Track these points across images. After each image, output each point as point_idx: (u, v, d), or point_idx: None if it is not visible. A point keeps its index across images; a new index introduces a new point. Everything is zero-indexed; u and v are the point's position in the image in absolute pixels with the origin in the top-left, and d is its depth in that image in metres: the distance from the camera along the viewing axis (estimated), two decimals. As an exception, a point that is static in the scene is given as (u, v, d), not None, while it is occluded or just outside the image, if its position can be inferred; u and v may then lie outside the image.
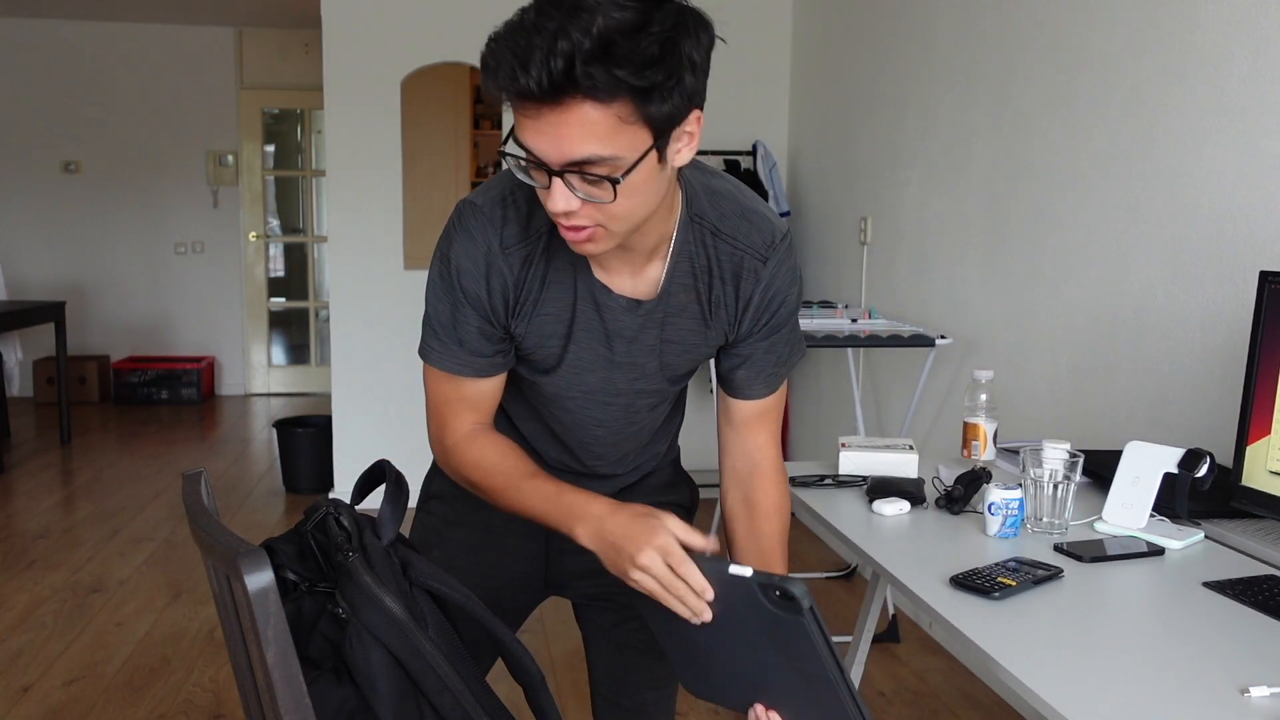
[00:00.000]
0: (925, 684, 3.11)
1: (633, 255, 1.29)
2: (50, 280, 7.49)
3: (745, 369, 1.42)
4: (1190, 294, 2.30)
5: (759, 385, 1.43)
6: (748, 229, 1.33)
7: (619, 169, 1.09)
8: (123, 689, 3.01)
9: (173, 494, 5.01)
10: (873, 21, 4.01)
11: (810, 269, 4.71)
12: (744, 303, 1.36)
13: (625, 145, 1.08)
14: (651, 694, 1.60)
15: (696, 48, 1.09)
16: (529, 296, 1.31)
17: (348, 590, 1.15)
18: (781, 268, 1.35)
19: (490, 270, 1.29)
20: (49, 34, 7.29)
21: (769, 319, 1.38)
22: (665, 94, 1.07)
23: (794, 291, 1.39)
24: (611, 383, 1.40)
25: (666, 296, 1.33)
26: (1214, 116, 2.22)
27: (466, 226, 1.29)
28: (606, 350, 1.36)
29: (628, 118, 1.06)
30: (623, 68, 1.03)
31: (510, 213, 1.28)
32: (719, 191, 1.34)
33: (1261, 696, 1.14)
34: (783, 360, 1.43)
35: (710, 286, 1.34)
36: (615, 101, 1.05)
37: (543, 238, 1.29)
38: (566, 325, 1.33)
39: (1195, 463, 1.67)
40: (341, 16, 4.63)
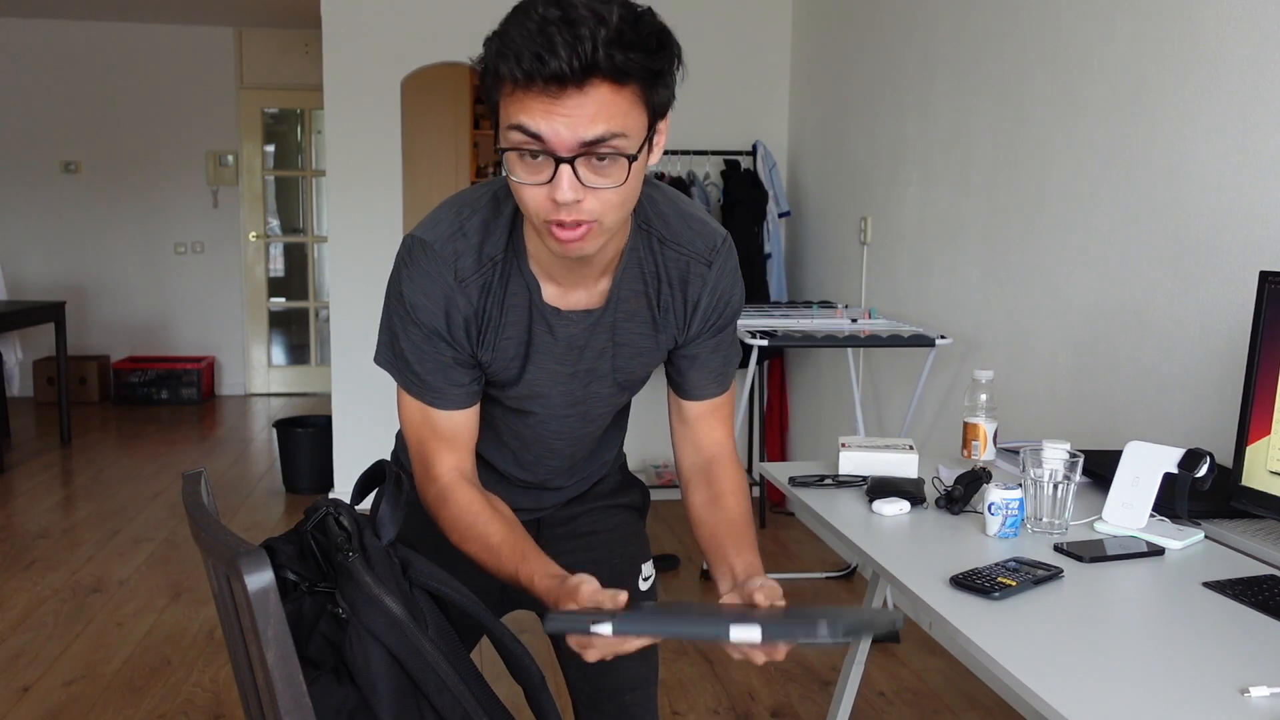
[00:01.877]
0: (925, 684, 3.11)
1: (589, 271, 1.32)
2: (50, 280, 7.49)
3: (696, 370, 1.46)
4: (1190, 294, 2.30)
5: (711, 385, 1.48)
6: (690, 235, 1.38)
7: (631, 148, 1.14)
8: (123, 689, 3.01)
9: (173, 494, 5.01)
10: (873, 21, 4.01)
11: (810, 269, 4.71)
12: (692, 306, 1.40)
13: (634, 125, 1.14)
14: (630, 694, 1.60)
15: (677, 44, 1.18)
16: (490, 323, 1.34)
17: (348, 590, 1.15)
18: (725, 270, 1.40)
19: (449, 305, 1.31)
20: (49, 34, 7.29)
21: (716, 320, 1.42)
22: (665, 81, 1.16)
23: (737, 292, 1.44)
24: (570, 394, 1.42)
25: (615, 303, 1.36)
26: (1214, 117, 2.22)
27: (420, 264, 1.30)
28: (561, 365, 1.39)
29: (637, 101, 1.14)
30: (636, 51, 1.10)
31: (462, 245, 1.30)
32: (658, 199, 1.38)
33: (1261, 696, 1.14)
34: (729, 360, 1.48)
35: (659, 292, 1.38)
36: (628, 85, 1.12)
37: (496, 266, 1.32)
38: (524, 346, 1.36)
39: (1195, 463, 1.67)
40: (341, 16, 4.63)
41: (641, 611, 1.12)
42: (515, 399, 1.42)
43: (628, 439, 1.72)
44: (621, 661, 1.59)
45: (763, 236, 4.66)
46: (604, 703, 1.61)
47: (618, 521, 1.63)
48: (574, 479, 1.59)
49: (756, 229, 4.65)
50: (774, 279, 4.68)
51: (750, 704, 2.97)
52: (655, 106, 1.16)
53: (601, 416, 1.50)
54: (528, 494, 1.57)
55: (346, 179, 4.72)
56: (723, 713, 2.92)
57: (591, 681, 1.61)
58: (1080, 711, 1.11)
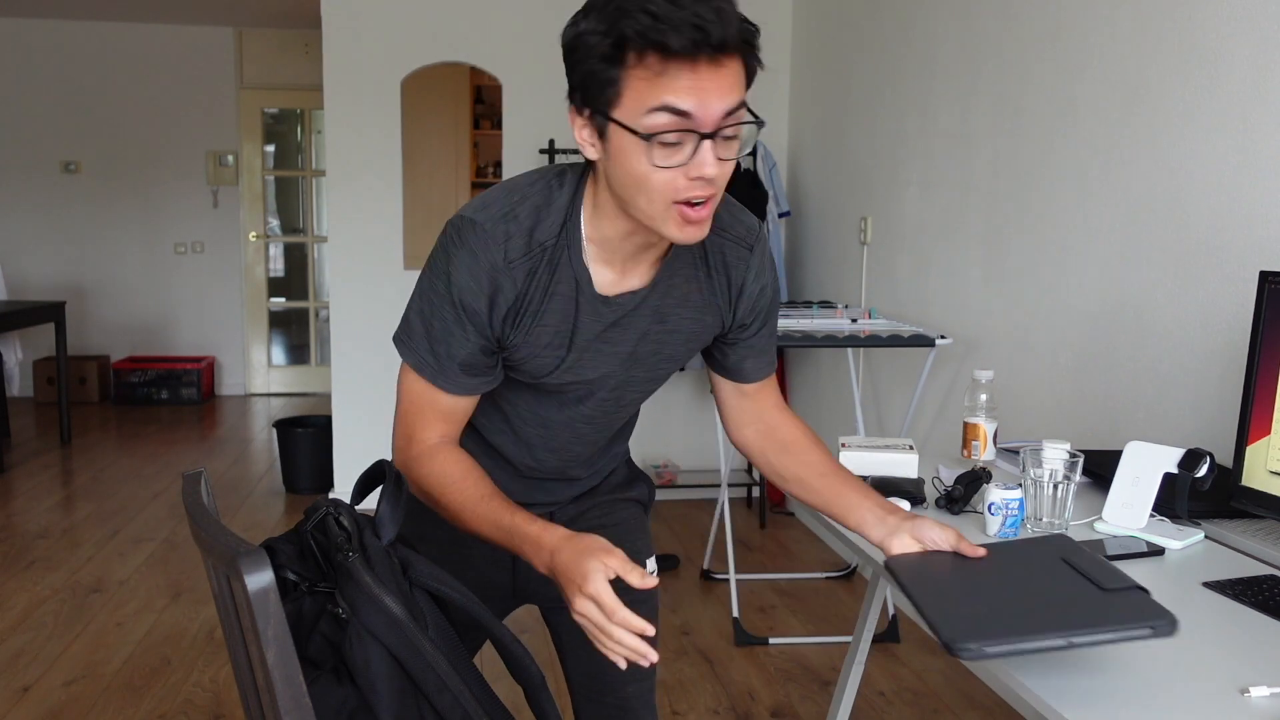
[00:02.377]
0: (925, 684, 3.11)
1: (649, 255, 1.34)
2: (50, 280, 7.49)
3: (754, 358, 1.51)
4: (1190, 294, 2.30)
5: (765, 368, 1.55)
6: (731, 220, 1.41)
7: (745, 118, 1.19)
8: (123, 689, 3.01)
9: (173, 494, 5.02)
10: (873, 22, 4.01)
11: (810, 269, 4.71)
12: (737, 289, 1.43)
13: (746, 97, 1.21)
14: (633, 686, 1.61)
15: None
16: (529, 308, 1.32)
17: (348, 590, 1.15)
18: (764, 255, 1.45)
19: (495, 287, 1.29)
20: (49, 34, 7.29)
21: (765, 305, 1.47)
22: (757, 61, 1.22)
23: (774, 275, 1.49)
24: (610, 378, 1.42)
25: (664, 285, 1.37)
26: (1214, 117, 2.22)
27: (469, 244, 1.29)
28: (604, 348, 1.39)
29: (745, 74, 1.21)
30: (750, 29, 1.19)
31: (513, 227, 1.29)
32: None
33: (1261, 696, 1.14)
34: (775, 338, 1.55)
35: (708, 276, 1.41)
36: (747, 59, 1.19)
37: (546, 252, 1.31)
38: (567, 336, 1.35)
39: (1195, 463, 1.67)
40: (341, 16, 4.63)
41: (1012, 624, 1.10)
42: (555, 385, 1.41)
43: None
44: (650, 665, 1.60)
45: (763, 236, 4.66)
46: (605, 696, 1.61)
47: (625, 515, 1.63)
48: (591, 469, 1.60)
49: (756, 229, 4.65)
50: (774, 279, 4.67)
51: (750, 704, 2.97)
52: (747, 83, 1.22)
53: (633, 402, 1.51)
54: (543, 487, 1.56)
55: (346, 179, 4.72)
56: (723, 713, 2.92)
57: (591, 676, 1.62)
58: (1080, 712, 1.11)
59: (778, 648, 3.35)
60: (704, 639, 3.42)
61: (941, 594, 1.18)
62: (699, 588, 3.88)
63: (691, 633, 3.47)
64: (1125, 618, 1.07)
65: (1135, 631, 1.05)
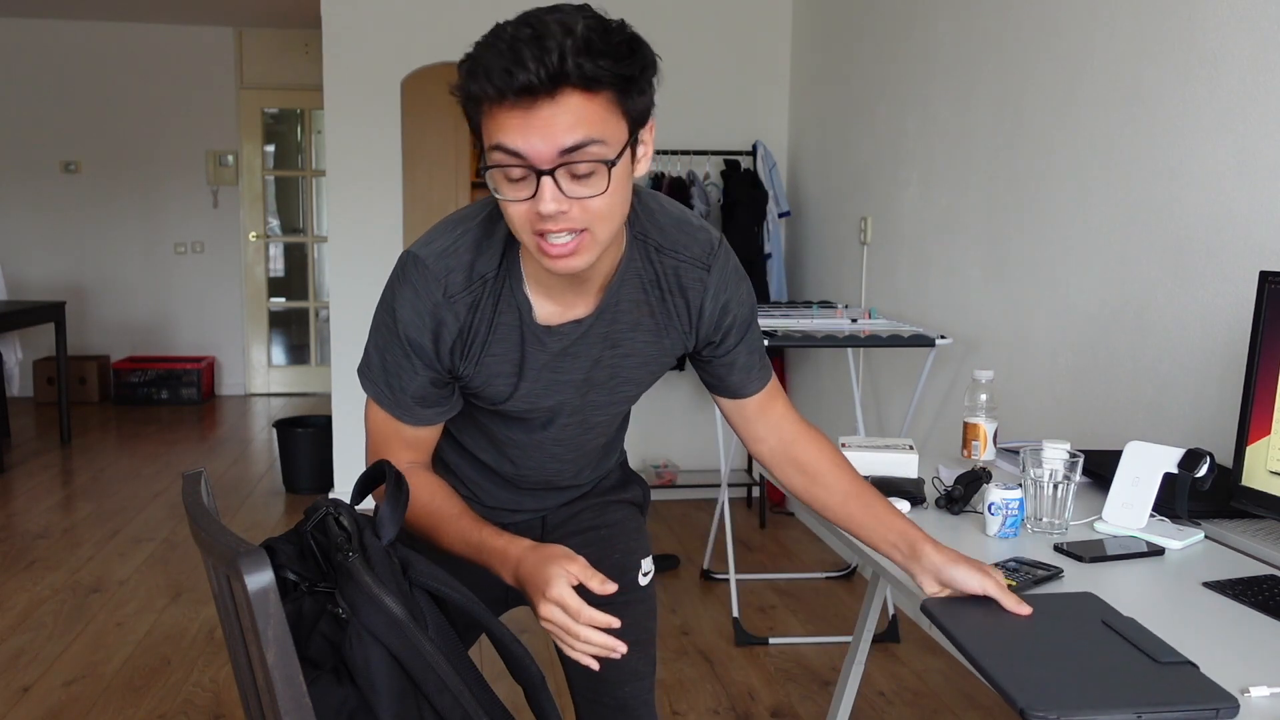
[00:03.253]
0: (925, 684, 3.11)
1: (588, 287, 1.33)
2: (50, 280, 7.49)
3: (736, 374, 1.49)
4: (1190, 294, 2.30)
5: (754, 381, 1.51)
6: (686, 240, 1.39)
7: (609, 154, 1.15)
8: (123, 689, 3.01)
9: (173, 494, 5.02)
10: (873, 21, 4.01)
11: (810, 269, 4.71)
12: (696, 311, 1.41)
13: (611, 132, 1.16)
14: (631, 686, 1.62)
15: (652, 52, 1.20)
16: (476, 338, 1.35)
17: (348, 590, 1.15)
18: (725, 271, 1.41)
19: (438, 322, 1.32)
20: (49, 34, 7.29)
21: (731, 321, 1.44)
22: (640, 88, 1.18)
23: (743, 290, 1.45)
24: (566, 404, 1.43)
25: (611, 312, 1.37)
26: (1214, 117, 2.22)
27: (411, 281, 1.32)
28: (555, 376, 1.39)
29: (609, 107, 1.16)
30: (605, 59, 1.13)
31: (454, 262, 1.32)
32: (653, 208, 1.40)
33: (1261, 696, 1.15)
34: (762, 353, 1.52)
35: (662, 300, 1.40)
36: (601, 92, 1.14)
37: (487, 284, 1.33)
38: (516, 365, 1.37)
39: (1195, 463, 1.67)
40: (341, 16, 4.63)
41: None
42: (513, 412, 1.43)
43: (627, 438, 1.73)
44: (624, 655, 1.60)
45: (763, 236, 4.66)
46: (603, 696, 1.61)
47: (619, 517, 1.64)
48: (579, 479, 1.61)
49: (756, 229, 4.65)
50: (774, 279, 4.68)
51: (750, 704, 2.97)
52: (633, 114, 1.18)
53: (602, 425, 1.51)
54: (532, 495, 1.58)
55: (346, 179, 4.72)
56: (723, 713, 2.92)
57: (589, 677, 1.62)
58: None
59: (778, 648, 3.35)
60: (704, 639, 3.42)
61: (1001, 653, 1.20)
62: (699, 588, 3.88)
63: (691, 633, 3.47)
64: (1191, 697, 1.09)
65: (1201, 713, 1.07)
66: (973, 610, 1.31)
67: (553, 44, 1.10)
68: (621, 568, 1.59)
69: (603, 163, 1.15)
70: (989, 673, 1.16)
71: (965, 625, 1.26)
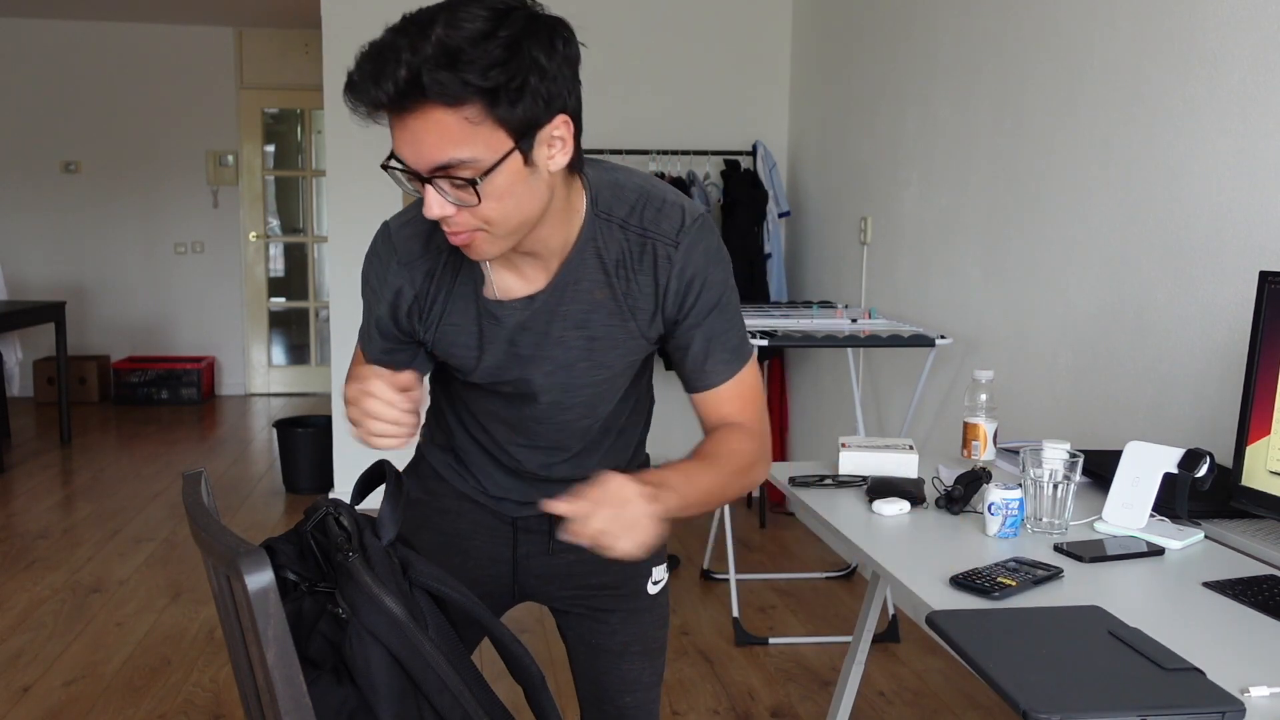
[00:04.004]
0: (925, 684, 3.11)
1: (538, 260, 1.33)
2: (50, 280, 7.49)
3: (688, 362, 1.39)
4: (1190, 294, 2.30)
5: (709, 374, 1.39)
6: (655, 217, 1.33)
7: (479, 170, 1.14)
8: (123, 689, 3.01)
9: (173, 494, 5.01)
10: (873, 21, 4.01)
11: (810, 269, 4.71)
12: (661, 289, 1.35)
13: (482, 148, 1.13)
14: (630, 697, 1.60)
15: (546, 52, 1.13)
16: (432, 307, 1.38)
17: (348, 590, 1.15)
18: (695, 248, 1.33)
19: (395, 289, 1.38)
20: (49, 34, 7.29)
21: (694, 301, 1.35)
22: (513, 96, 1.11)
23: (716, 272, 1.36)
24: (535, 381, 1.41)
25: (570, 289, 1.34)
26: (1214, 116, 2.22)
27: (375, 245, 1.40)
28: (517, 349, 1.38)
29: (478, 120, 1.11)
30: (467, 71, 1.08)
31: (412, 230, 1.37)
32: (624, 185, 1.35)
33: (1261, 696, 1.15)
34: (730, 346, 1.39)
35: (626, 279, 1.35)
36: (464, 105, 1.10)
37: (443, 253, 1.36)
38: (476, 337, 1.38)
39: (1195, 463, 1.67)
40: (341, 16, 4.63)
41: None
42: (484, 384, 1.44)
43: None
44: (625, 665, 1.59)
45: (763, 236, 4.66)
46: (605, 704, 1.61)
47: None
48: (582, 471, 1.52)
49: (756, 229, 4.65)
50: (774, 279, 4.68)
51: (750, 704, 2.97)
52: (511, 122, 1.12)
53: (581, 406, 1.45)
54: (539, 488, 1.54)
55: (346, 179, 4.72)
56: (723, 713, 2.92)
57: (593, 683, 1.62)
58: (1080, 711, 1.10)
59: (777, 648, 3.35)
60: (704, 639, 3.42)
61: (1005, 659, 1.20)
62: (699, 588, 3.88)
63: (691, 633, 3.47)
64: (1196, 701, 1.09)
65: (1206, 717, 1.08)
66: (982, 620, 1.31)
67: (409, 56, 1.08)
68: (629, 575, 1.57)
69: (468, 181, 1.14)
70: (992, 676, 1.16)
71: (970, 633, 1.26)
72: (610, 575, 1.57)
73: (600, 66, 4.78)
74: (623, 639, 1.59)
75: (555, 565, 1.57)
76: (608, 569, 1.54)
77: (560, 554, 1.56)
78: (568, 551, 1.54)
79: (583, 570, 1.56)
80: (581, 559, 1.55)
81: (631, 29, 4.75)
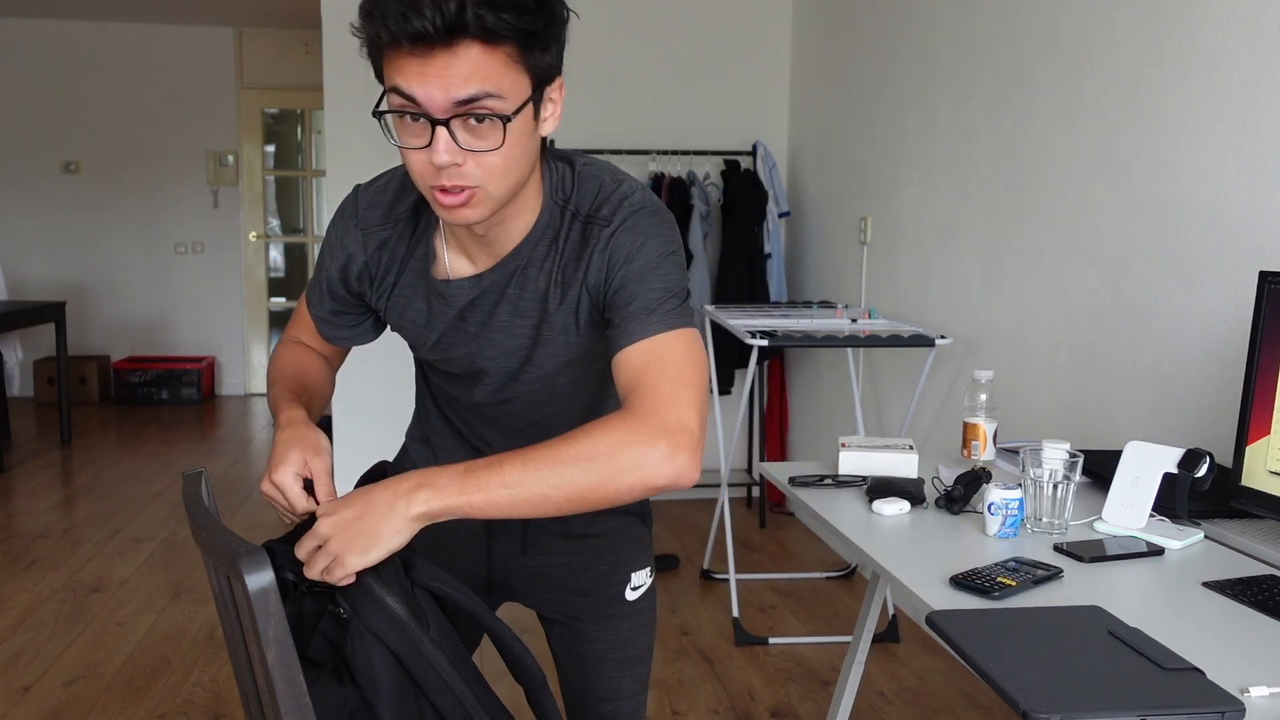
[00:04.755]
0: (925, 684, 3.11)
1: (496, 246, 1.31)
2: (50, 280, 7.49)
3: (608, 332, 1.27)
4: (1190, 294, 2.30)
5: (621, 332, 1.24)
6: (599, 201, 1.28)
7: (506, 109, 1.13)
8: (123, 689, 3.01)
9: (173, 494, 5.02)
10: (873, 22, 4.01)
11: (810, 269, 4.71)
12: (584, 267, 1.28)
13: (509, 87, 1.12)
14: (610, 706, 1.57)
15: (563, 7, 1.16)
16: (386, 276, 1.38)
17: (349, 591, 1.15)
18: (624, 225, 1.26)
19: (348, 253, 1.38)
20: (49, 34, 7.29)
21: (619, 270, 1.25)
22: (545, 42, 1.13)
23: (652, 243, 1.25)
24: (483, 364, 1.39)
25: (515, 273, 1.32)
26: (1214, 117, 2.23)
27: (343, 205, 1.39)
28: (464, 327, 1.37)
29: (512, 61, 1.12)
30: (507, 11, 1.09)
31: (378, 198, 1.37)
32: (588, 176, 1.31)
33: (1261, 696, 1.15)
34: (648, 305, 1.23)
35: (575, 267, 1.29)
36: (502, 45, 1.10)
37: (400, 224, 1.36)
38: (425, 314, 1.39)
39: (1195, 463, 1.67)
40: (341, 16, 4.63)
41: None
42: (437, 363, 1.44)
43: None
44: (605, 673, 1.57)
45: (763, 236, 4.66)
46: (586, 712, 1.59)
47: (614, 526, 1.57)
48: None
49: (756, 229, 4.65)
50: (774, 279, 4.68)
51: (750, 704, 2.97)
52: (537, 70, 1.14)
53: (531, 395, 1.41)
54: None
55: (346, 179, 4.71)
56: (723, 713, 2.92)
57: (573, 693, 1.60)
58: (1080, 711, 1.11)
59: (777, 648, 3.35)
60: (704, 639, 3.42)
61: (1005, 659, 1.20)
62: (699, 588, 3.88)
63: (691, 633, 3.47)
64: (1196, 701, 1.09)
65: (1206, 716, 1.08)
66: (981, 619, 1.31)
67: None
68: (606, 580, 1.55)
69: (499, 117, 1.12)
70: (992, 676, 1.16)
71: (970, 633, 1.26)
72: (585, 580, 1.54)
73: (600, 66, 4.78)
74: (601, 647, 1.56)
75: (531, 566, 1.55)
76: (582, 574, 1.52)
77: (535, 555, 1.54)
78: (542, 554, 1.54)
79: (558, 574, 1.55)
80: (555, 562, 1.54)
81: (632, 29, 4.75)
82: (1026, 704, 1.08)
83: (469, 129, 1.13)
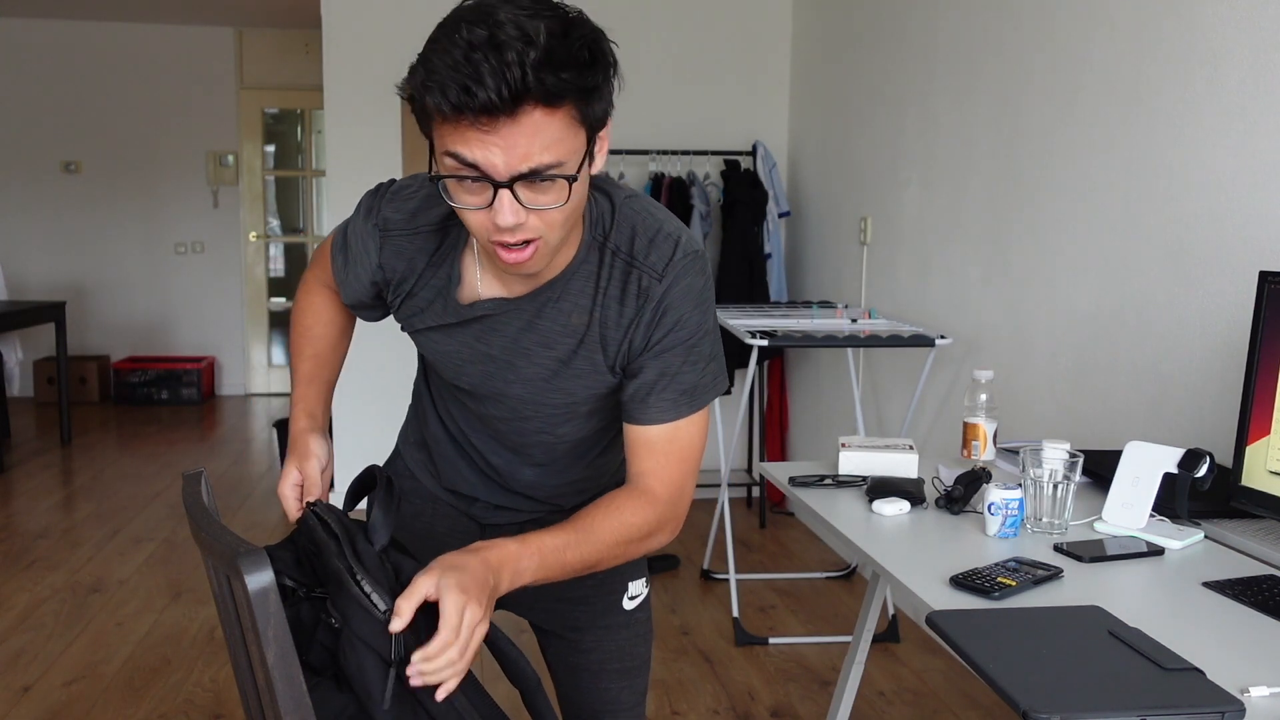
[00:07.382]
0: (925, 684, 3.11)
1: (532, 276, 1.27)
2: (50, 280, 7.49)
3: (634, 387, 1.30)
4: (1190, 294, 2.30)
5: (650, 408, 1.29)
6: (646, 247, 1.28)
7: (570, 170, 1.11)
8: (123, 689, 3.01)
9: (173, 494, 5.01)
10: (873, 22, 4.01)
11: (810, 269, 4.71)
12: (630, 319, 1.28)
13: (570, 149, 1.11)
14: (609, 718, 1.57)
15: (609, 51, 1.13)
16: (399, 283, 1.36)
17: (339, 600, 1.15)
18: (678, 285, 1.27)
19: (363, 244, 1.37)
20: (49, 34, 7.28)
21: (663, 336, 1.28)
22: (602, 95, 1.12)
23: (695, 314, 1.28)
24: (490, 379, 1.37)
25: (549, 303, 1.30)
26: (1214, 117, 2.22)
27: (368, 199, 1.38)
28: (480, 345, 1.35)
29: (572, 120, 1.10)
30: (568, 70, 1.06)
31: (403, 203, 1.35)
32: (629, 214, 1.30)
33: (1261, 696, 1.15)
34: (682, 388, 1.29)
35: (605, 308, 1.29)
36: (563, 106, 1.08)
37: (420, 233, 1.33)
38: (440, 328, 1.37)
39: (1195, 463, 1.67)
40: (341, 16, 4.63)
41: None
42: (445, 372, 1.43)
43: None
44: (604, 683, 1.57)
45: (763, 236, 4.66)
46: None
47: None
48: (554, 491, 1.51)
49: (756, 229, 4.65)
50: (774, 279, 4.68)
51: (750, 704, 2.97)
52: (592, 121, 1.12)
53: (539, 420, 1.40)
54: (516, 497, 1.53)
55: (346, 179, 4.72)
56: (723, 713, 2.92)
57: (574, 702, 1.59)
58: (1080, 712, 1.10)
59: (777, 647, 3.35)
60: (704, 639, 3.42)
61: (1005, 659, 1.20)
62: (699, 588, 3.88)
63: (691, 633, 3.47)
64: (1195, 701, 1.09)
65: (1206, 717, 1.08)
66: (982, 620, 1.31)
67: (513, 56, 1.02)
68: (604, 588, 1.55)
69: (564, 178, 1.11)
70: (992, 676, 1.16)
71: (970, 633, 1.26)
72: (582, 590, 1.53)
73: (600, 66, 4.78)
74: (599, 657, 1.56)
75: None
76: (579, 581, 1.51)
77: None
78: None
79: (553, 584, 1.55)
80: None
81: (631, 29, 4.74)
82: (1026, 704, 1.08)
83: (531, 187, 1.11)
